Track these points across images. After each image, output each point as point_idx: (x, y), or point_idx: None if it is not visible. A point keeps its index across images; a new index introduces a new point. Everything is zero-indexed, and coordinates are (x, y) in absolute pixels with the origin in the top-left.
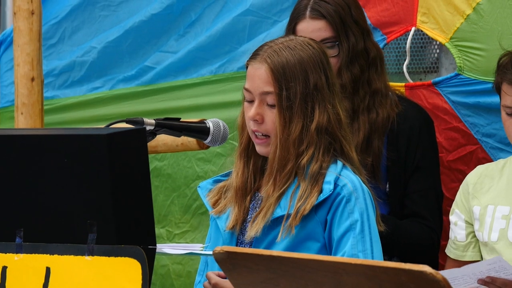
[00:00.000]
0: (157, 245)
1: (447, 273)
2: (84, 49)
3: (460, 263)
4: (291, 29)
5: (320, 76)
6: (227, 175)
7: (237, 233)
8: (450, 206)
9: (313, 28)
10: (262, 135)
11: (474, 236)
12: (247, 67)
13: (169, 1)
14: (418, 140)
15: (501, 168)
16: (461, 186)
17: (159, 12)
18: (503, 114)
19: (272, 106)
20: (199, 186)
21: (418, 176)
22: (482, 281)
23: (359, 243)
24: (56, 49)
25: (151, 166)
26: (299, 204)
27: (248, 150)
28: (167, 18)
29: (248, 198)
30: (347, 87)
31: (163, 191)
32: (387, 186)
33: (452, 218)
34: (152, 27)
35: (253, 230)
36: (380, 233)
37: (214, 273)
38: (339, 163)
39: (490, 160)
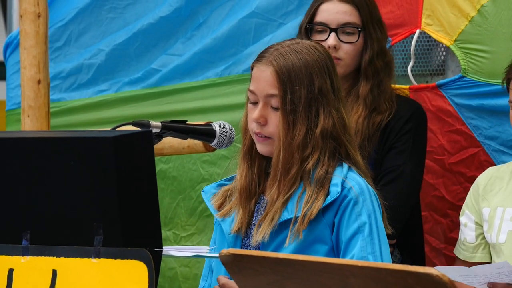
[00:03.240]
0: (163, 247)
1: (463, 270)
2: (92, 52)
3: (469, 265)
4: (313, 7)
5: (325, 80)
6: (231, 179)
7: (243, 236)
8: (451, 209)
9: (338, 10)
10: (265, 137)
11: (484, 237)
12: (252, 69)
13: (178, 4)
14: (399, 129)
15: (511, 170)
16: (471, 187)
17: (168, 15)
18: (511, 110)
19: (276, 109)
20: (203, 191)
21: (389, 155)
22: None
23: (368, 245)
24: (62, 51)
25: (157, 169)
26: (305, 208)
27: (251, 152)
28: (176, 21)
29: (253, 201)
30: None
31: (168, 194)
32: None
33: (462, 219)
34: (160, 30)
35: (260, 235)
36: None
37: (225, 277)
38: (345, 166)
39: (492, 163)
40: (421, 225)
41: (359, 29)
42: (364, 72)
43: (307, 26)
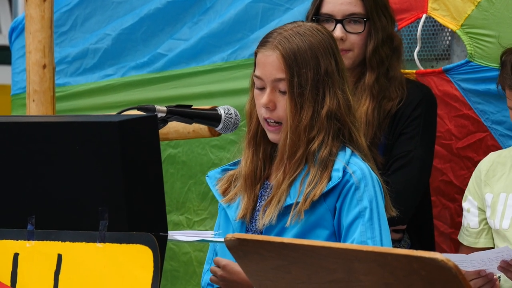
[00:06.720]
0: (168, 232)
1: (454, 257)
2: (98, 36)
3: (472, 250)
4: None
5: (330, 62)
6: (236, 164)
7: (247, 221)
8: (458, 194)
9: (343, 1)
10: (274, 122)
11: (487, 223)
12: (256, 55)
13: None
14: (409, 115)
15: None
16: (473, 173)
17: None
18: (510, 112)
19: (284, 93)
20: (207, 176)
21: (399, 141)
22: (501, 268)
23: (368, 230)
24: (68, 36)
25: (165, 154)
26: (308, 189)
27: (257, 138)
28: (183, 6)
29: (258, 186)
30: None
31: (179, 178)
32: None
33: (464, 205)
34: (167, 15)
35: (267, 218)
36: (392, 218)
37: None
38: (348, 150)
39: (499, 147)
40: (430, 210)
41: (365, 19)
42: (369, 62)
43: (313, 18)
